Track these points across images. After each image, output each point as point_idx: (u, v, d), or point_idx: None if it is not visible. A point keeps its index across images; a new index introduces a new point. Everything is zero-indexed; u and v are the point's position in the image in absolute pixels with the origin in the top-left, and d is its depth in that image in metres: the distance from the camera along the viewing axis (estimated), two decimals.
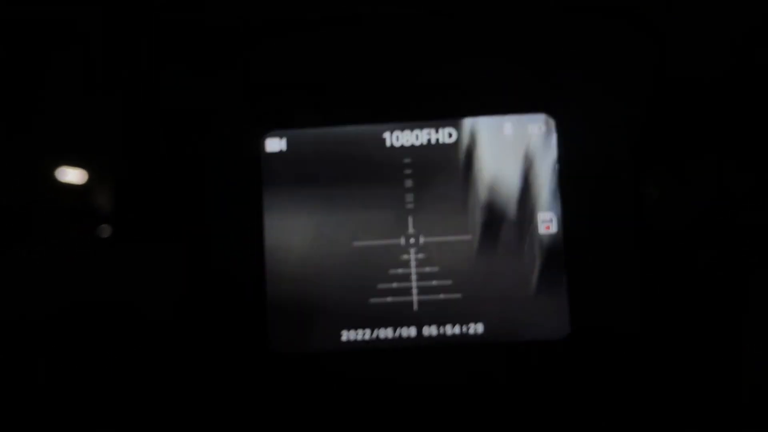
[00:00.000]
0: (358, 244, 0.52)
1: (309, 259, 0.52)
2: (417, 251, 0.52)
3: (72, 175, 0.62)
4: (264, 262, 0.53)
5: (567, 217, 0.52)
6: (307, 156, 0.53)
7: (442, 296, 0.52)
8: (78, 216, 0.63)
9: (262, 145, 0.53)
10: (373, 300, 0.52)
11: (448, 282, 0.52)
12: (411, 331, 0.52)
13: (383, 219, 0.52)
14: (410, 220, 0.53)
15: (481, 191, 0.53)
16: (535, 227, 0.52)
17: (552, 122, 0.53)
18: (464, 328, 0.52)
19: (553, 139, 0.52)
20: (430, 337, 0.52)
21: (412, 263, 0.52)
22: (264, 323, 0.53)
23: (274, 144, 0.53)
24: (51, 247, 0.62)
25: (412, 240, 0.53)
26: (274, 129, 0.53)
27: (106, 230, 0.58)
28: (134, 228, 0.56)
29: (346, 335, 0.52)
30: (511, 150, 0.53)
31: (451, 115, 0.53)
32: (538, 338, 0.51)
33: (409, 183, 0.53)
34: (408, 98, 0.53)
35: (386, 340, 0.52)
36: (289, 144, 0.53)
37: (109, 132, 0.56)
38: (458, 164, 0.53)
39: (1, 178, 0.62)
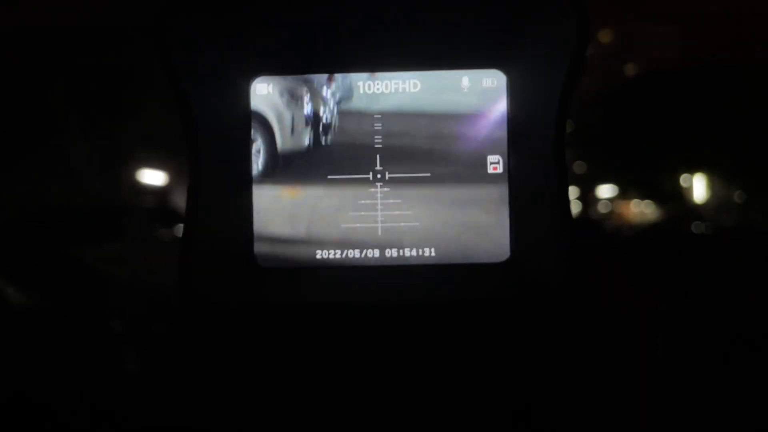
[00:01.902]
0: (332, 177, 0.61)
1: (291, 190, 0.60)
2: (383, 185, 0.60)
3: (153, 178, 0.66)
4: (251, 196, 0.60)
5: (512, 160, 0.60)
6: (290, 100, 0.60)
7: (402, 224, 0.60)
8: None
9: (251, 89, 0.61)
10: (344, 225, 0.61)
11: (408, 212, 0.60)
12: (375, 253, 0.61)
13: (354, 156, 0.61)
14: (378, 157, 0.61)
15: (440, 135, 0.61)
16: (485, 167, 0.61)
17: (504, 77, 0.60)
18: (420, 252, 0.61)
19: (504, 92, 0.60)
20: (391, 258, 0.61)
21: (378, 195, 0.60)
22: (251, 244, 0.60)
23: (262, 88, 0.61)
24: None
25: (378, 175, 0.61)
26: (262, 75, 0.60)
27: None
28: None
29: (320, 254, 0.61)
30: (467, 100, 0.60)
31: (416, 68, 0.60)
32: (482, 261, 0.60)
33: (378, 126, 0.61)
34: (379, 51, 0.60)
35: (354, 258, 0.61)
36: (274, 89, 0.61)
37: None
38: (420, 111, 0.60)
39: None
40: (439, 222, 0.60)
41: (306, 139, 0.61)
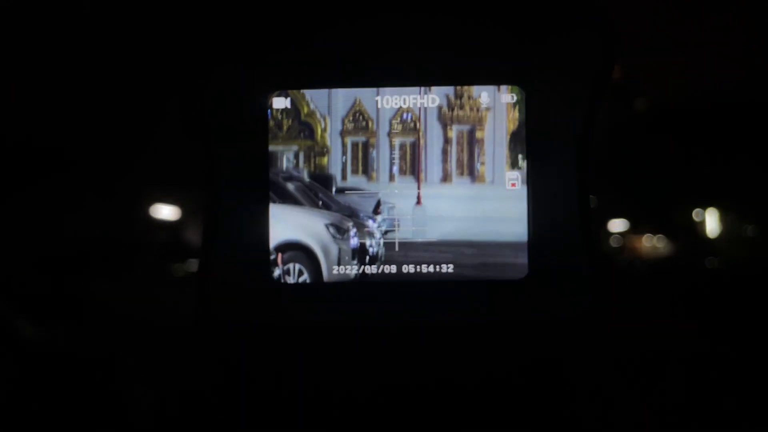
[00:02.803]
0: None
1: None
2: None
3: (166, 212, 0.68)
4: (268, 213, 0.60)
5: (530, 176, 0.60)
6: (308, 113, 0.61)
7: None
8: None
9: (269, 103, 0.61)
10: (359, 240, 0.61)
11: (425, 227, 0.61)
12: (392, 269, 0.61)
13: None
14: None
15: (458, 151, 0.61)
16: (503, 183, 0.61)
17: (522, 93, 0.60)
18: (437, 268, 0.61)
19: (523, 108, 0.60)
20: (408, 274, 0.61)
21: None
22: (268, 261, 0.60)
23: (280, 102, 0.61)
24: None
25: (396, 190, 0.61)
26: (280, 89, 0.61)
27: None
28: None
29: (337, 270, 0.61)
30: (486, 115, 0.61)
31: (435, 83, 0.61)
32: (500, 278, 0.60)
33: (396, 141, 0.61)
34: (399, 67, 0.61)
35: (371, 275, 0.61)
36: (292, 102, 0.61)
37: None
38: (439, 126, 0.61)
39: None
40: (457, 237, 0.61)
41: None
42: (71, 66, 0.68)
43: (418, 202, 0.61)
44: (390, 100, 0.61)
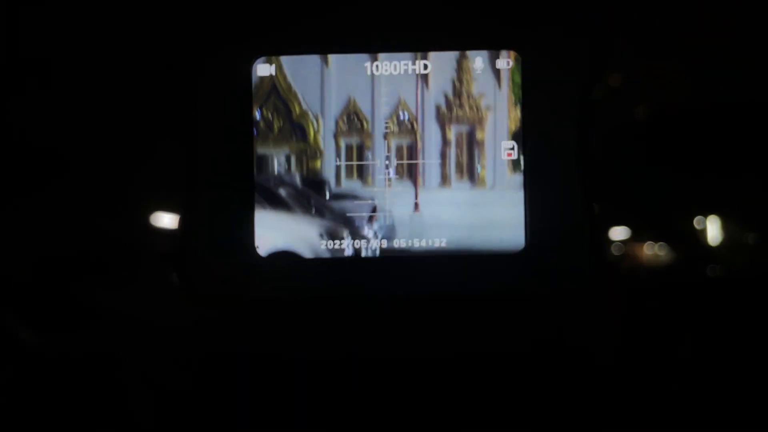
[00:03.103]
0: (339, 163, 0.58)
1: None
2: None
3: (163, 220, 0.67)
4: (253, 185, 0.58)
5: (527, 146, 0.57)
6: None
7: (412, 212, 0.58)
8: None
9: (253, 70, 0.58)
10: (350, 215, 0.58)
11: (417, 200, 0.58)
12: (383, 243, 0.58)
13: (360, 147, 0.59)
14: (385, 143, 0.58)
15: (452, 119, 0.58)
16: (498, 154, 0.58)
17: (519, 59, 0.58)
18: (429, 242, 0.58)
19: (518, 74, 0.58)
20: (399, 248, 0.58)
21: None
22: (252, 235, 0.58)
23: (264, 69, 0.58)
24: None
25: (386, 162, 0.58)
26: (264, 55, 0.58)
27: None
28: None
29: (324, 244, 0.58)
30: (480, 82, 0.58)
31: (426, 48, 0.58)
32: (496, 250, 0.57)
33: (386, 109, 0.58)
34: (387, 31, 0.58)
35: (361, 249, 0.58)
36: (277, 69, 0.58)
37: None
38: (432, 94, 0.58)
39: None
40: (449, 211, 0.58)
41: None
42: (62, 64, 0.67)
43: (416, 208, 0.58)
44: (381, 67, 0.58)
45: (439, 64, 0.58)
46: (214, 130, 0.58)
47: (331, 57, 0.58)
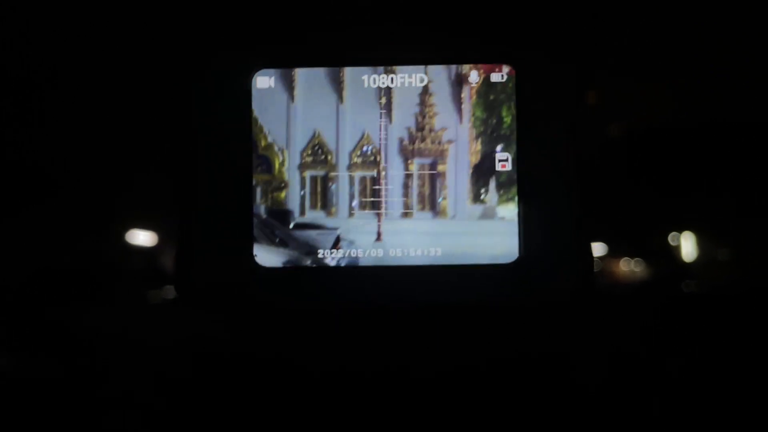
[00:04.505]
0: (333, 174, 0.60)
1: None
2: (387, 183, 0.60)
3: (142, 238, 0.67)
4: (251, 194, 0.59)
5: (521, 157, 0.59)
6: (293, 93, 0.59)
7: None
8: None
9: (252, 83, 0.59)
10: (347, 222, 0.60)
11: (412, 210, 0.60)
12: (379, 252, 0.60)
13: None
14: (383, 153, 0.60)
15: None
16: (493, 165, 0.59)
17: (513, 72, 0.59)
18: (425, 251, 0.59)
19: (513, 87, 0.59)
20: (395, 257, 0.59)
21: (383, 193, 0.60)
22: (250, 244, 0.59)
23: (264, 82, 0.60)
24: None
25: (383, 173, 0.60)
26: (264, 68, 0.59)
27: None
28: None
29: (322, 252, 0.60)
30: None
31: (422, 62, 0.60)
32: (490, 262, 0.59)
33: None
34: (383, 44, 0.59)
35: (357, 258, 0.59)
36: (276, 82, 0.60)
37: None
38: (427, 106, 0.60)
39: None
40: (444, 221, 0.59)
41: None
42: (43, 75, 0.68)
43: (378, 238, 0.60)
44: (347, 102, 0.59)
45: (401, 100, 0.60)
46: (214, 141, 0.59)
47: (299, 91, 0.60)
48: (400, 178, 0.60)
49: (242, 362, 0.62)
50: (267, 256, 0.60)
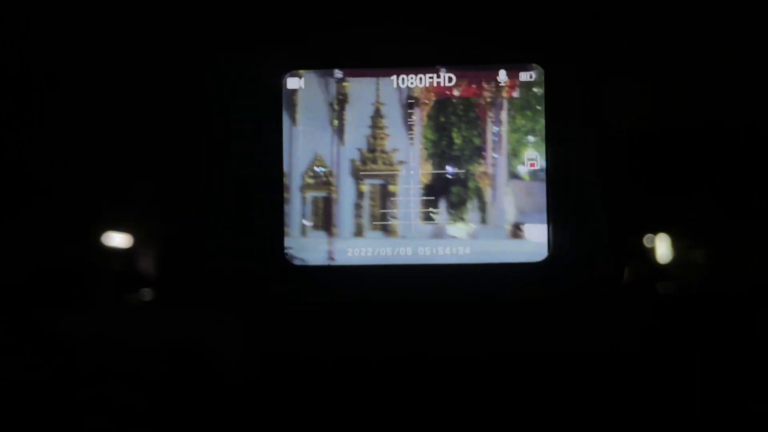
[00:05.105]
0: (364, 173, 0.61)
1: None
2: (416, 182, 0.61)
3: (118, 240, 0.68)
4: (282, 192, 0.61)
5: (549, 157, 0.60)
6: (323, 94, 0.61)
7: (435, 221, 0.61)
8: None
9: (283, 83, 0.61)
10: (376, 222, 0.61)
11: (442, 209, 0.61)
12: (408, 251, 0.61)
13: (389, 150, 0.61)
14: (411, 152, 0.61)
15: (477, 130, 0.61)
16: (522, 164, 0.60)
17: (542, 72, 0.60)
18: (453, 249, 0.60)
19: (542, 87, 0.60)
20: (424, 256, 0.60)
21: (412, 192, 0.61)
22: (281, 241, 0.61)
23: (294, 83, 0.61)
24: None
25: (412, 171, 0.61)
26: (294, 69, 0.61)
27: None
28: None
29: (351, 251, 0.61)
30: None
31: (450, 62, 0.60)
32: (519, 261, 0.59)
33: (411, 120, 0.61)
34: (412, 45, 0.60)
35: (386, 256, 0.60)
36: (306, 83, 0.61)
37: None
38: (457, 106, 0.61)
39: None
40: (474, 219, 0.60)
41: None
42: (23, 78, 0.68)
43: (330, 256, 0.62)
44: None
45: (353, 117, 0.61)
46: (245, 141, 0.60)
47: None
48: (352, 198, 0.62)
49: (224, 363, 0.63)
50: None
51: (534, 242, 0.59)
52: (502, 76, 0.60)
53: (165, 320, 0.65)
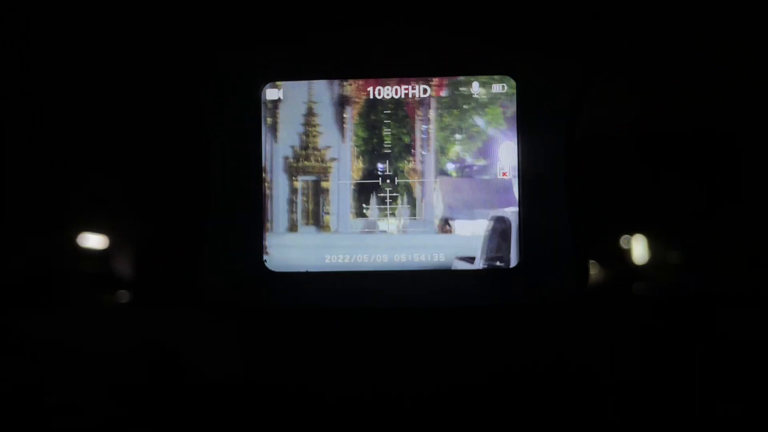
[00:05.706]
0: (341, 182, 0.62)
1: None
2: (391, 190, 0.62)
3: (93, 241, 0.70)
4: (262, 200, 0.62)
5: (521, 166, 0.61)
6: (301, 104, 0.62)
7: (410, 228, 0.62)
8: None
9: (262, 94, 0.62)
10: (353, 229, 0.62)
11: (415, 217, 0.62)
12: (383, 257, 0.62)
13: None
14: (387, 162, 0.62)
15: (449, 140, 0.62)
16: (494, 174, 0.62)
17: (513, 84, 0.61)
18: (429, 256, 0.62)
19: (514, 98, 0.61)
20: (399, 262, 0.62)
21: (387, 200, 0.62)
22: (261, 248, 0.62)
23: (273, 93, 0.63)
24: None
25: (387, 180, 0.63)
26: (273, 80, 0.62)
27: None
28: None
29: (329, 258, 0.62)
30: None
31: (426, 74, 0.62)
32: (492, 266, 0.61)
33: (387, 131, 0.63)
34: (389, 57, 0.61)
35: (362, 263, 0.62)
36: (285, 93, 0.63)
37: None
38: (430, 116, 0.62)
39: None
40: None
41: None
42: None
43: (265, 251, 0.63)
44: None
45: (286, 115, 0.63)
46: (226, 150, 0.61)
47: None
48: (285, 194, 0.63)
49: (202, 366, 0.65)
50: None
51: (462, 237, 0.60)
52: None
53: (140, 323, 0.67)
